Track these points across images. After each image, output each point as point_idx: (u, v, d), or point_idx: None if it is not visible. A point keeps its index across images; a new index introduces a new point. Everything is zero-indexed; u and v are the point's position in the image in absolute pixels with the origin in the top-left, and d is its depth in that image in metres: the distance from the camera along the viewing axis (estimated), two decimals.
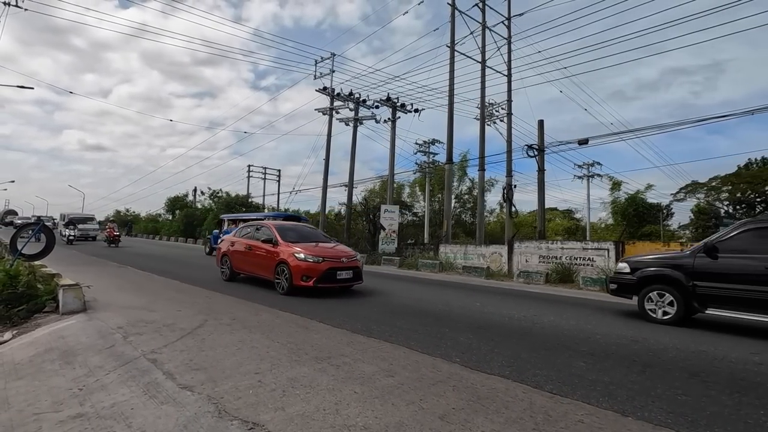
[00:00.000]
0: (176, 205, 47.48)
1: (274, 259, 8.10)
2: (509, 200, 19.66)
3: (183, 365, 3.57)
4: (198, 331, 4.76)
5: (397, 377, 3.44)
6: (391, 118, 22.65)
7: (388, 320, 5.81)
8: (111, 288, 7.92)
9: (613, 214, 33.98)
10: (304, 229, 9.64)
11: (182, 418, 2.59)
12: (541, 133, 19.77)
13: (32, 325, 5.11)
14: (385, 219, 20.01)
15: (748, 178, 27.54)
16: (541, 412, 2.84)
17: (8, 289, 5.62)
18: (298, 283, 7.53)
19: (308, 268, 7.57)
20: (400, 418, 2.67)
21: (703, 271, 6.00)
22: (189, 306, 6.34)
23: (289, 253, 7.84)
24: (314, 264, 7.63)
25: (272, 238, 8.42)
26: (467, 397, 3.06)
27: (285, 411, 2.71)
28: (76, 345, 4.20)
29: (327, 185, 24.95)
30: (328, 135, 24.30)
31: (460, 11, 19.25)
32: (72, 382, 3.22)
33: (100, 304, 6.20)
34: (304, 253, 7.75)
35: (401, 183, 36.71)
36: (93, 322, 5.10)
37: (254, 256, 8.79)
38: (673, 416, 2.89)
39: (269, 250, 8.34)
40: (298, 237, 8.70)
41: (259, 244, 8.73)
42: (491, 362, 4.00)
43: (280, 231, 8.68)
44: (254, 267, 8.85)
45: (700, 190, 31.09)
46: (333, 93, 23.37)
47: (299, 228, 9.68)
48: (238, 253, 9.34)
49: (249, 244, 9.01)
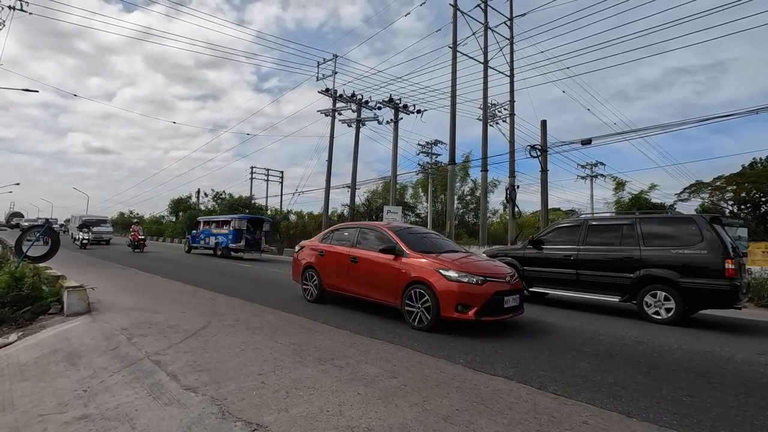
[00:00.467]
0: (180, 206, 47.63)
1: (402, 277, 5.70)
2: (512, 201, 19.60)
3: (187, 366, 3.58)
4: (202, 333, 4.77)
5: (400, 378, 3.44)
6: (394, 119, 22.66)
7: (390, 322, 5.80)
8: (115, 290, 7.96)
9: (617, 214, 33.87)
10: (429, 234, 7.26)
11: (186, 419, 2.59)
12: (543, 133, 19.71)
13: (37, 327, 5.14)
14: (388, 220, 20.03)
15: (752, 177, 27.35)
16: (545, 414, 2.83)
17: (14, 290, 5.66)
18: (448, 315, 5.15)
19: (465, 293, 5.12)
20: (403, 419, 2.67)
21: (528, 259, 8.29)
22: (193, 307, 6.36)
23: (429, 268, 5.46)
24: (474, 286, 5.17)
25: (394, 247, 5.97)
26: (471, 399, 3.05)
27: (288, 412, 2.72)
28: (80, 346, 4.22)
29: (330, 186, 25.01)
30: (331, 136, 24.37)
31: (462, 12, 19.27)
32: (76, 383, 3.23)
33: (105, 305, 6.23)
34: (454, 269, 5.32)
35: (404, 184, 36.71)
36: (97, 324, 5.12)
37: (363, 272, 6.36)
38: (679, 417, 2.87)
39: (390, 264, 5.90)
40: (427, 244, 6.38)
41: (372, 254, 6.28)
42: (495, 363, 3.99)
43: (403, 236, 6.24)
44: (363, 287, 6.36)
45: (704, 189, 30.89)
46: (335, 94, 23.41)
47: (418, 230, 7.35)
48: (333, 267, 6.92)
49: (353, 255, 6.54)
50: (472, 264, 5.66)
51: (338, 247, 6.98)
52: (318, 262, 7.20)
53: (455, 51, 18.83)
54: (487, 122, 19.88)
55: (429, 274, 5.41)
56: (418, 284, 5.48)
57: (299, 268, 7.62)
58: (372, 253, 6.30)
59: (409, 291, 5.56)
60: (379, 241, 6.39)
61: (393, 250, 5.96)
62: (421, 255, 5.76)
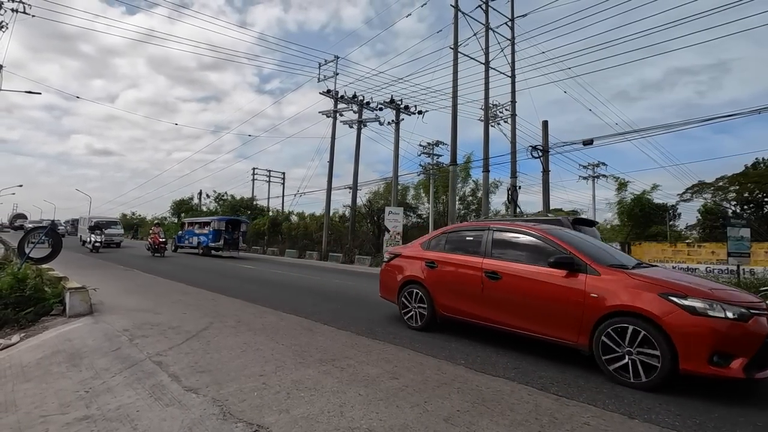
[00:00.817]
0: (182, 208, 47.77)
1: (591, 304, 3.88)
2: (514, 201, 19.58)
3: (188, 367, 3.58)
4: (203, 334, 4.78)
5: (401, 379, 3.44)
6: (395, 120, 22.70)
7: (392, 322, 5.80)
8: (117, 291, 7.98)
9: (619, 214, 33.74)
10: (595, 241, 5.54)
11: (187, 420, 2.60)
12: (545, 133, 19.70)
13: (40, 328, 5.16)
14: (390, 221, 20.02)
15: (755, 177, 27.22)
16: (547, 415, 2.83)
17: (16, 292, 5.69)
18: (694, 368, 3.34)
19: (724, 335, 3.35)
20: (404, 420, 2.66)
21: None
22: (194, 308, 6.37)
23: (646, 293, 3.66)
24: (736, 324, 3.39)
25: (572, 260, 4.17)
26: (472, 400, 3.05)
27: (289, 413, 2.72)
28: (82, 347, 4.23)
29: (331, 187, 25.05)
30: (332, 137, 24.41)
31: (463, 13, 19.28)
32: (78, 384, 3.24)
33: (107, 306, 6.25)
34: (696, 296, 3.52)
35: (405, 185, 36.66)
36: (99, 325, 5.14)
37: (512, 294, 4.52)
38: (681, 419, 2.86)
39: (566, 286, 4.11)
40: (611, 255, 4.67)
41: (527, 269, 4.48)
42: (496, 364, 3.99)
43: (579, 245, 4.49)
44: (511, 315, 4.54)
45: (706, 190, 30.78)
46: (337, 96, 23.46)
47: (581, 235, 5.34)
48: (455, 284, 5.11)
49: (490, 268, 4.73)
50: (717, 289, 3.79)
51: (460, 256, 5.16)
52: (428, 276, 5.39)
53: (456, 52, 18.84)
54: (489, 123, 19.88)
55: (648, 302, 3.57)
56: (627, 317, 3.66)
57: (395, 283, 5.85)
58: (526, 267, 4.49)
59: (607, 326, 3.73)
60: (533, 249, 4.60)
61: (570, 264, 4.13)
62: (616, 271, 3.99)
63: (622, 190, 33.88)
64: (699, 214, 30.01)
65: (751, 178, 27.55)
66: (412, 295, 5.53)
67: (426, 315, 5.33)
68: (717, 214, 27.44)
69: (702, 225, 29.27)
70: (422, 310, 5.39)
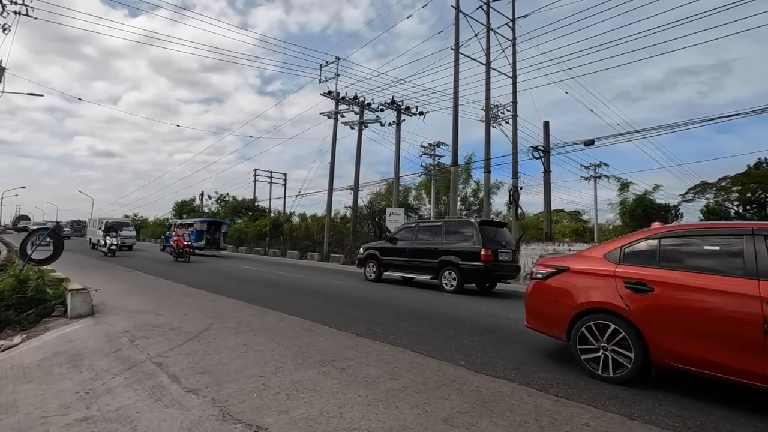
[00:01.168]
0: (183, 209, 47.84)
1: None
2: (515, 202, 19.55)
3: (188, 368, 3.59)
4: (204, 335, 4.79)
5: (401, 380, 3.44)
6: (396, 121, 22.70)
7: (392, 323, 5.80)
8: (119, 292, 7.99)
9: (622, 215, 33.66)
10: None
11: (187, 421, 2.60)
12: (546, 134, 19.68)
13: (41, 329, 5.17)
14: (391, 222, 20.02)
15: (758, 177, 27.10)
16: (547, 416, 2.82)
17: (18, 293, 5.71)
18: None
19: None
20: (404, 421, 2.66)
21: (383, 250, 11.66)
22: (195, 310, 6.38)
23: None
24: None
25: None
26: (472, 401, 3.04)
27: (289, 414, 2.72)
28: (83, 349, 4.24)
29: (333, 188, 25.07)
30: (334, 138, 24.42)
31: (464, 14, 19.28)
32: (79, 385, 3.25)
33: (108, 307, 6.26)
34: None
35: (407, 186, 36.70)
36: (100, 326, 5.15)
37: None
38: (681, 420, 2.85)
39: None
40: None
41: None
42: (496, 365, 3.98)
43: None
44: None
45: (709, 190, 30.66)
46: (338, 97, 23.47)
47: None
48: (702, 321, 3.19)
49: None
50: None
51: (703, 276, 3.27)
52: (634, 304, 3.53)
53: (457, 53, 18.83)
54: (490, 124, 19.86)
55: None
56: None
57: (561, 310, 4.02)
58: None
59: None
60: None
61: None
62: None
63: (624, 190, 33.81)
64: (701, 214, 29.89)
65: (753, 179, 27.43)
66: (602, 330, 3.68)
67: (632, 362, 3.48)
68: (719, 215, 27.35)
69: None
70: (619, 356, 3.58)
